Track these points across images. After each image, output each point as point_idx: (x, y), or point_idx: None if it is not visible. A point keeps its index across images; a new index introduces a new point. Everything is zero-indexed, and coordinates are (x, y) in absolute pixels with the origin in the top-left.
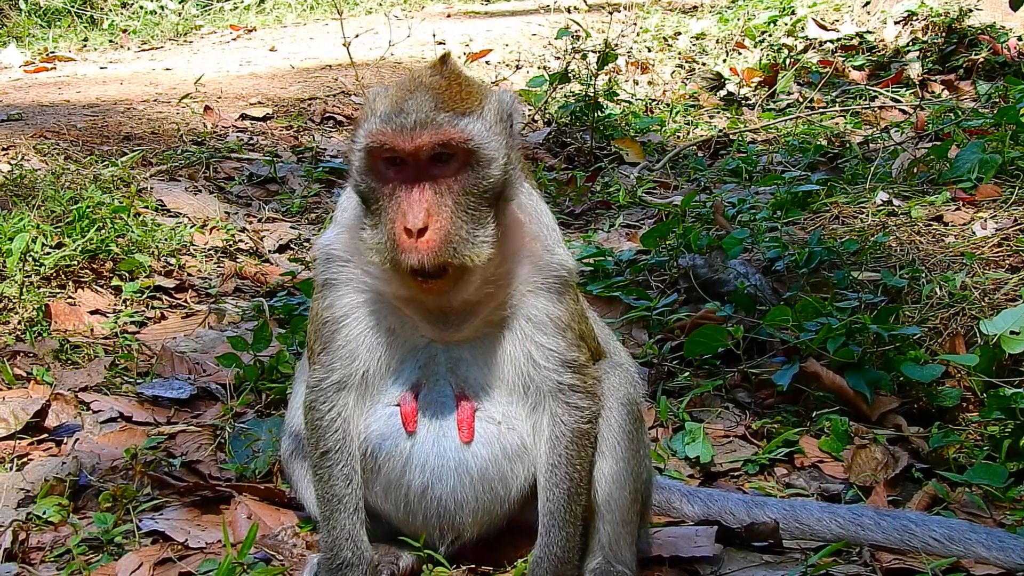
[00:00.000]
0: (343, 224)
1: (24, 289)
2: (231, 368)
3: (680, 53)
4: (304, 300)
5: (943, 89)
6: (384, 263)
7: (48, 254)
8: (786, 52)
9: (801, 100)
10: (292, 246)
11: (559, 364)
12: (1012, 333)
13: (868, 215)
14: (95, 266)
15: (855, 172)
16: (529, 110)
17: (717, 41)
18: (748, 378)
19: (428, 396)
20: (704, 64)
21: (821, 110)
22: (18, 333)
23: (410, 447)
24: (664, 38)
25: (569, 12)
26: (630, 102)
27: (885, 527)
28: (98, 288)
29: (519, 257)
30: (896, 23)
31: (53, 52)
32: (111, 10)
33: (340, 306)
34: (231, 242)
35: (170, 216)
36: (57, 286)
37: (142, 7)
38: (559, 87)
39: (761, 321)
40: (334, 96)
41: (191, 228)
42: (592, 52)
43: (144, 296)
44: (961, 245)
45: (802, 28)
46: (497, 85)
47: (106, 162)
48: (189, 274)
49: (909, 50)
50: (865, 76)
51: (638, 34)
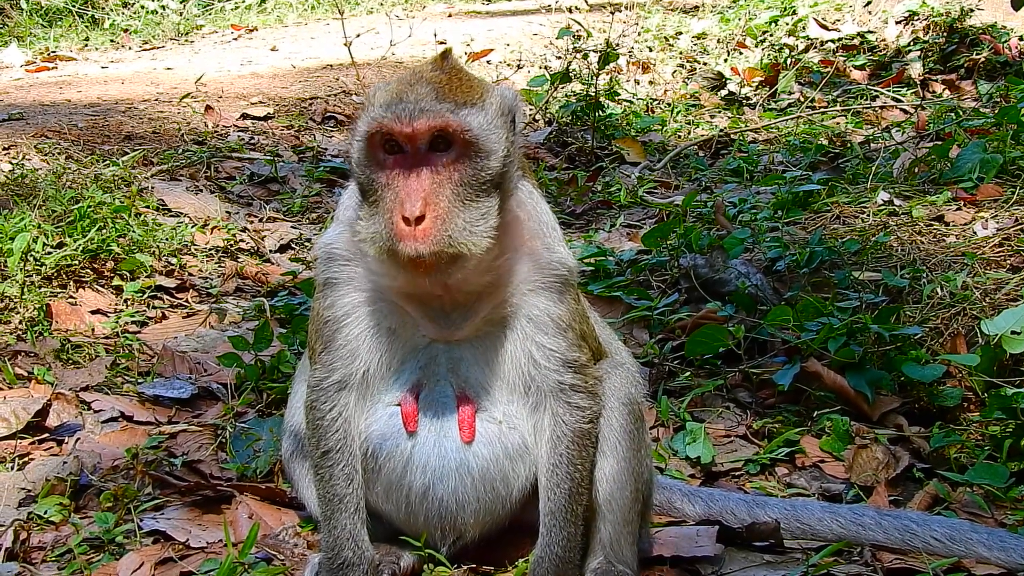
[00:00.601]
0: (344, 222)
1: (25, 289)
2: (232, 368)
3: (681, 53)
4: (305, 300)
5: (944, 89)
6: (380, 253)
7: (49, 254)
8: (787, 52)
9: (802, 100)
10: (293, 246)
11: (560, 364)
12: (1013, 333)
13: (869, 215)
14: (96, 266)
15: (856, 172)
16: (530, 110)
17: (718, 41)
18: (749, 378)
19: (429, 396)
20: (705, 64)
21: (822, 110)
22: (19, 333)
23: (411, 447)
24: (665, 38)
25: (570, 12)
26: (631, 102)
27: (886, 527)
28: (99, 288)
29: (519, 255)
30: (897, 23)
31: (54, 52)
32: (112, 10)
33: (341, 305)
34: (232, 242)
35: (171, 216)
36: (58, 286)
37: (143, 7)
38: (560, 87)
39: (762, 321)
40: (335, 96)
41: (192, 228)
42: (593, 52)
43: (145, 296)
44: (962, 245)
45: (803, 28)
46: (498, 84)
47: (107, 162)
48: (190, 274)
49: (910, 50)
50: (866, 76)
51: (639, 34)
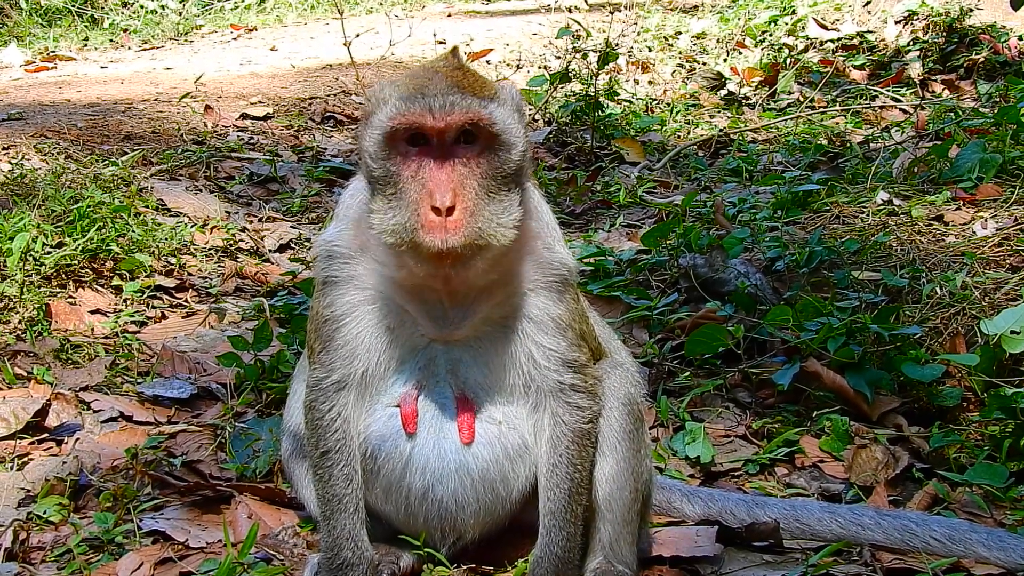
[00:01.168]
0: (346, 220)
1: (25, 288)
2: (232, 368)
3: (681, 53)
4: (304, 300)
5: (944, 89)
6: (402, 245)
7: (48, 253)
8: (787, 52)
9: (802, 100)
10: (292, 245)
11: (560, 364)
12: (1012, 333)
13: (868, 215)
14: (95, 265)
15: (856, 172)
16: (530, 110)
17: (718, 41)
18: (748, 378)
19: (428, 397)
20: (705, 64)
21: (822, 110)
22: (19, 332)
23: (410, 448)
24: (665, 38)
25: (570, 12)
26: (631, 102)
27: (886, 527)
28: (98, 288)
29: (521, 253)
30: (897, 23)
31: (54, 51)
32: (112, 9)
33: (341, 305)
34: (231, 241)
35: (171, 215)
36: (58, 285)
37: (143, 6)
38: (560, 86)
39: (762, 321)
40: (335, 96)
41: (191, 227)
42: (593, 52)
43: (144, 296)
44: (962, 245)
45: (803, 28)
46: (498, 82)
47: (107, 161)
48: (190, 273)
49: (910, 49)
50: (866, 76)
51: (639, 34)
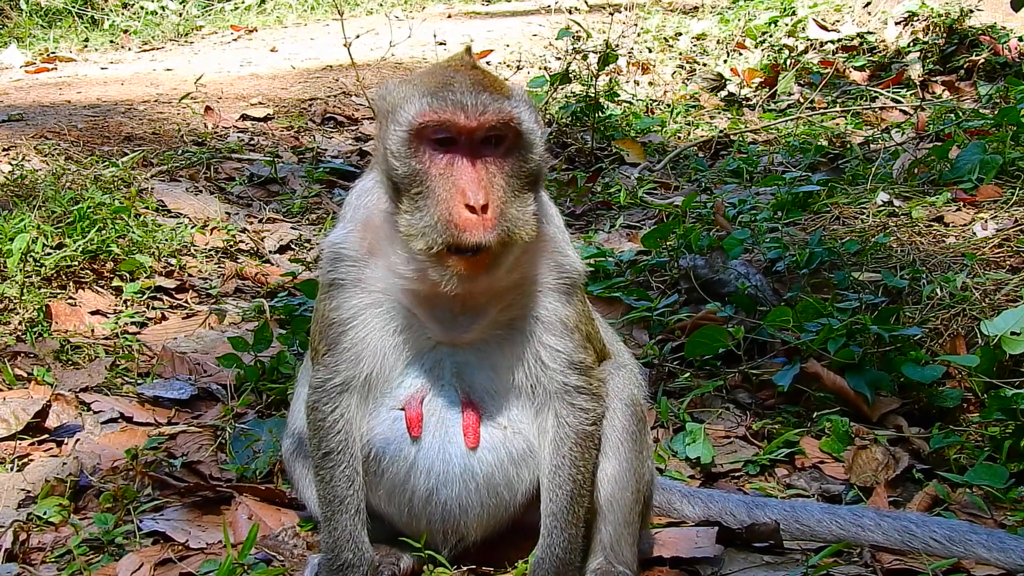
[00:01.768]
0: (353, 222)
1: (25, 289)
2: (232, 369)
3: (681, 54)
4: (305, 301)
5: (944, 90)
6: (432, 246)
7: (49, 254)
8: (787, 53)
9: (802, 101)
10: (293, 247)
11: (566, 365)
12: (1013, 334)
13: (869, 216)
14: (96, 266)
15: (856, 173)
16: None
17: (718, 42)
18: (749, 379)
19: (434, 400)
20: (705, 65)
21: (822, 111)
22: (19, 333)
23: (415, 452)
24: (665, 39)
25: (570, 13)
26: (631, 103)
27: (886, 528)
28: (99, 289)
29: (534, 256)
30: (897, 24)
31: (54, 53)
32: (112, 10)
33: (347, 308)
34: (232, 243)
35: (171, 217)
36: (58, 286)
37: (143, 8)
38: (560, 88)
39: (762, 322)
40: (335, 97)
41: (192, 229)
42: (593, 53)
43: (145, 297)
44: (962, 246)
45: (803, 29)
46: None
47: (107, 163)
48: (190, 275)
49: (910, 51)
50: (866, 77)
51: (639, 35)
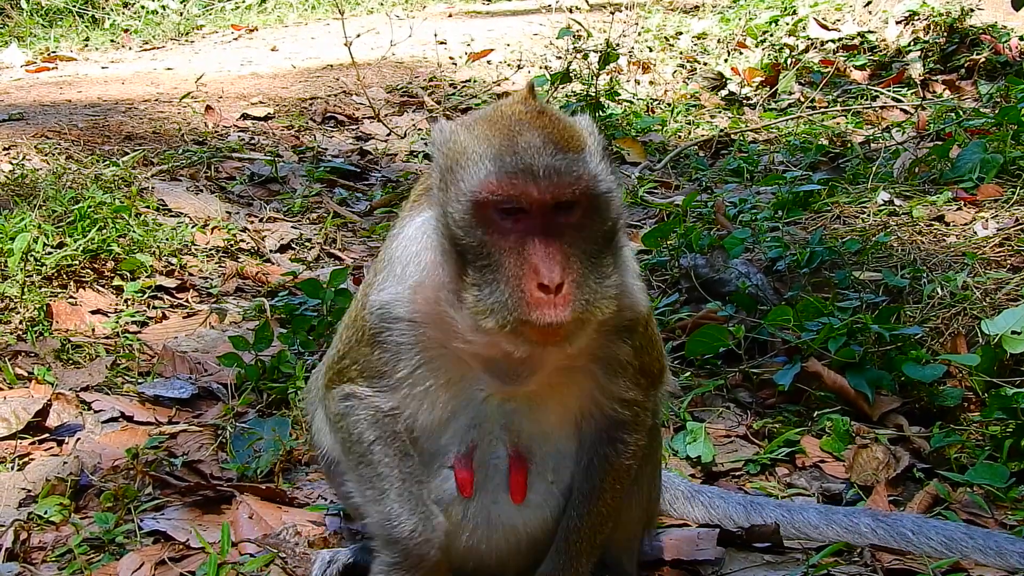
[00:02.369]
0: (404, 282)
1: (25, 289)
2: (232, 368)
3: (681, 53)
4: (305, 300)
5: (944, 89)
6: (504, 325)
7: (49, 254)
8: (787, 52)
9: (802, 100)
10: (293, 246)
11: (618, 403)
12: (1013, 333)
13: (869, 215)
14: (96, 266)
15: (856, 172)
16: None
17: (718, 41)
18: (749, 378)
19: (482, 455)
20: (705, 64)
21: (822, 110)
22: (19, 333)
23: (462, 510)
24: (665, 38)
25: (571, 12)
26: (631, 102)
27: (882, 535)
28: (99, 288)
29: None
30: (898, 23)
31: (55, 52)
32: (113, 10)
33: (401, 366)
34: (232, 242)
35: (171, 216)
36: (58, 286)
37: (144, 7)
38: (561, 87)
39: (762, 321)
40: (335, 96)
41: (192, 228)
42: (593, 52)
43: (145, 296)
44: (962, 245)
45: (803, 28)
46: (499, 84)
47: (107, 162)
48: (190, 274)
49: (910, 50)
50: (867, 76)
51: (639, 34)
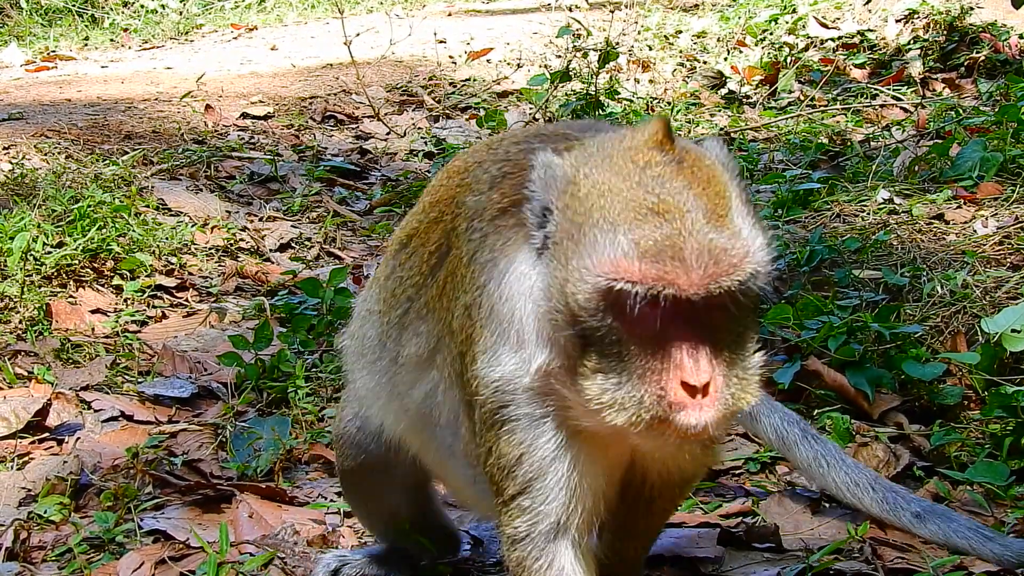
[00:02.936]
0: (523, 349)
1: (25, 288)
2: (232, 367)
3: (681, 51)
4: (305, 299)
5: (944, 87)
6: (636, 424)
7: (49, 253)
8: (787, 50)
9: (802, 98)
10: (293, 245)
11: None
12: (1013, 331)
13: (869, 213)
14: (96, 265)
15: (856, 170)
16: (530, 108)
17: (718, 39)
18: None
19: None
20: (705, 62)
21: (822, 108)
22: (19, 332)
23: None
24: (665, 36)
25: (570, 10)
26: (631, 100)
27: None
28: (99, 287)
29: None
30: (897, 21)
31: (54, 51)
32: (112, 9)
33: (541, 445)
34: (232, 241)
35: (171, 215)
36: (58, 285)
37: (143, 6)
38: (560, 85)
39: (762, 319)
40: (335, 95)
41: (192, 227)
42: (593, 50)
43: (145, 295)
44: (962, 243)
45: (803, 26)
46: (498, 83)
47: (107, 161)
48: (190, 273)
49: (910, 48)
50: (866, 74)
51: (639, 32)
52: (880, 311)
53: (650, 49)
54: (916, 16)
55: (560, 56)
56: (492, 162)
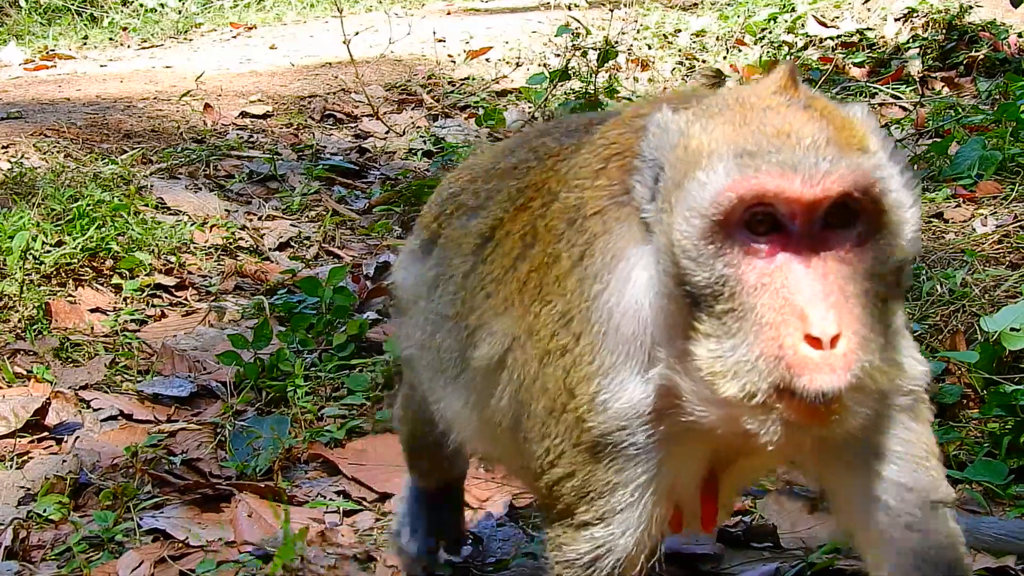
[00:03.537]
0: (638, 367)
1: (24, 287)
2: (231, 366)
3: (680, 50)
4: (304, 298)
5: (943, 86)
6: (753, 393)
7: (48, 252)
8: (786, 49)
9: None
10: (292, 244)
11: (920, 504)
12: (1012, 330)
13: None
14: (95, 264)
15: None
16: (529, 107)
17: (717, 38)
18: None
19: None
20: (704, 61)
21: None
22: (18, 331)
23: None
24: (664, 35)
25: (569, 9)
26: (630, 99)
27: None
28: (98, 286)
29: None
30: (896, 20)
31: (53, 50)
32: (111, 8)
33: (637, 477)
34: (231, 240)
35: (170, 214)
36: (57, 284)
37: (142, 5)
38: (559, 84)
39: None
40: (334, 94)
41: (191, 226)
42: (592, 49)
43: (144, 294)
44: (961, 242)
45: (802, 25)
46: (497, 82)
47: (106, 160)
48: (189, 272)
49: (909, 47)
50: (865, 73)
51: (638, 31)
52: None
53: (649, 48)
54: (915, 15)
55: (559, 55)
56: (591, 146)
